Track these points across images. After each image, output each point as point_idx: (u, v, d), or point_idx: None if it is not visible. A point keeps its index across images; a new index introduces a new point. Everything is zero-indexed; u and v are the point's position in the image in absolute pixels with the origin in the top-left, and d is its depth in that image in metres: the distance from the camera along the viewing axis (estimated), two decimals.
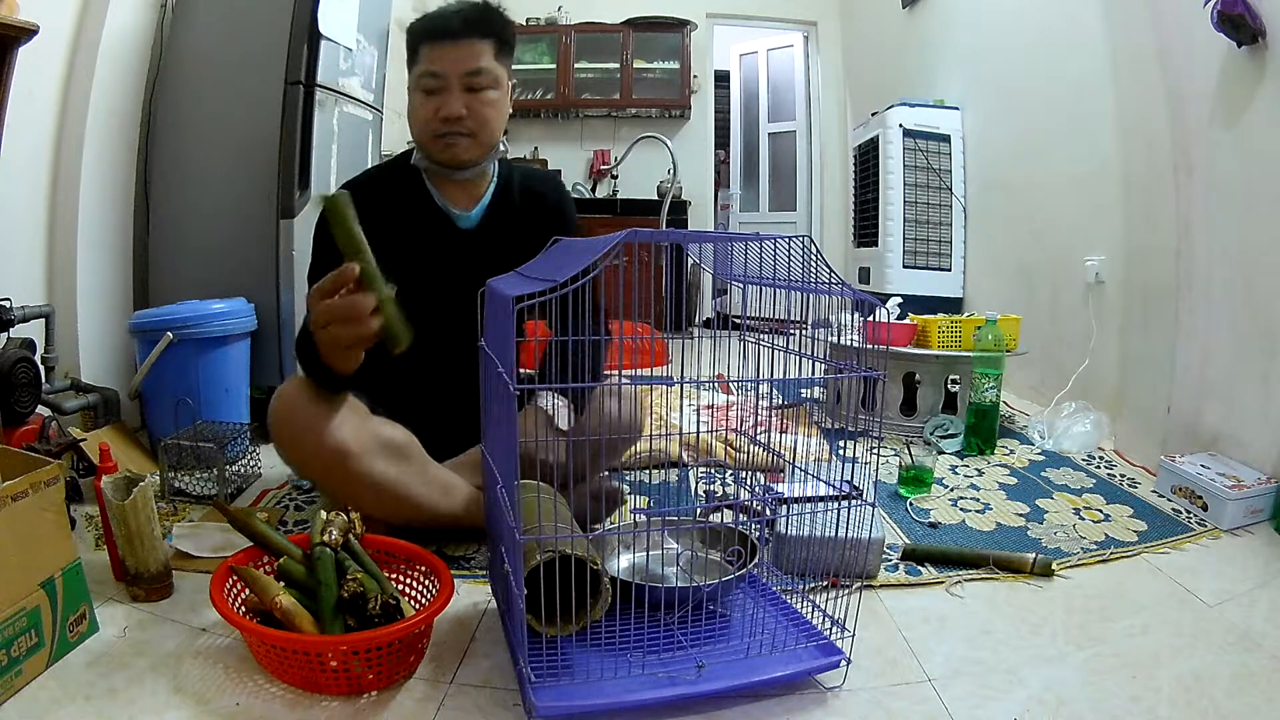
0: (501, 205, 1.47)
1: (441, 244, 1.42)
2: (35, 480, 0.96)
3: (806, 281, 0.95)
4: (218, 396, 1.88)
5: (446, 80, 1.33)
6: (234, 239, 2.06)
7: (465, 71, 1.33)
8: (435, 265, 1.39)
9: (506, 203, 1.48)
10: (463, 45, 1.33)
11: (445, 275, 1.37)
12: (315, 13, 2.02)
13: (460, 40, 1.32)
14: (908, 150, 3.18)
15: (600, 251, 0.84)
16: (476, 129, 1.35)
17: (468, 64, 1.33)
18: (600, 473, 1.51)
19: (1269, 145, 1.57)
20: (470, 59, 1.33)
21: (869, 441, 1.03)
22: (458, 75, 1.33)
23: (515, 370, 0.88)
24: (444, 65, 1.33)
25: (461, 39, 1.32)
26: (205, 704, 0.91)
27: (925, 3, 3.65)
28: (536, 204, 1.50)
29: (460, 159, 1.37)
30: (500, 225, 1.46)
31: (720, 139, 5.42)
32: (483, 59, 1.34)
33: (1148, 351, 1.97)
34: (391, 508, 1.25)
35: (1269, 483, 1.53)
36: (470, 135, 1.36)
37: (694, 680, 0.92)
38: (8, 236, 1.75)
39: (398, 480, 1.25)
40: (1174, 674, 1.01)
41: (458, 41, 1.32)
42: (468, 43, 1.33)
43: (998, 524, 1.53)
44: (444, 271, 1.39)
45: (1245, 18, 1.52)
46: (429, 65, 1.34)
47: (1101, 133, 2.24)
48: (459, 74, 1.33)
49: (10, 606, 0.91)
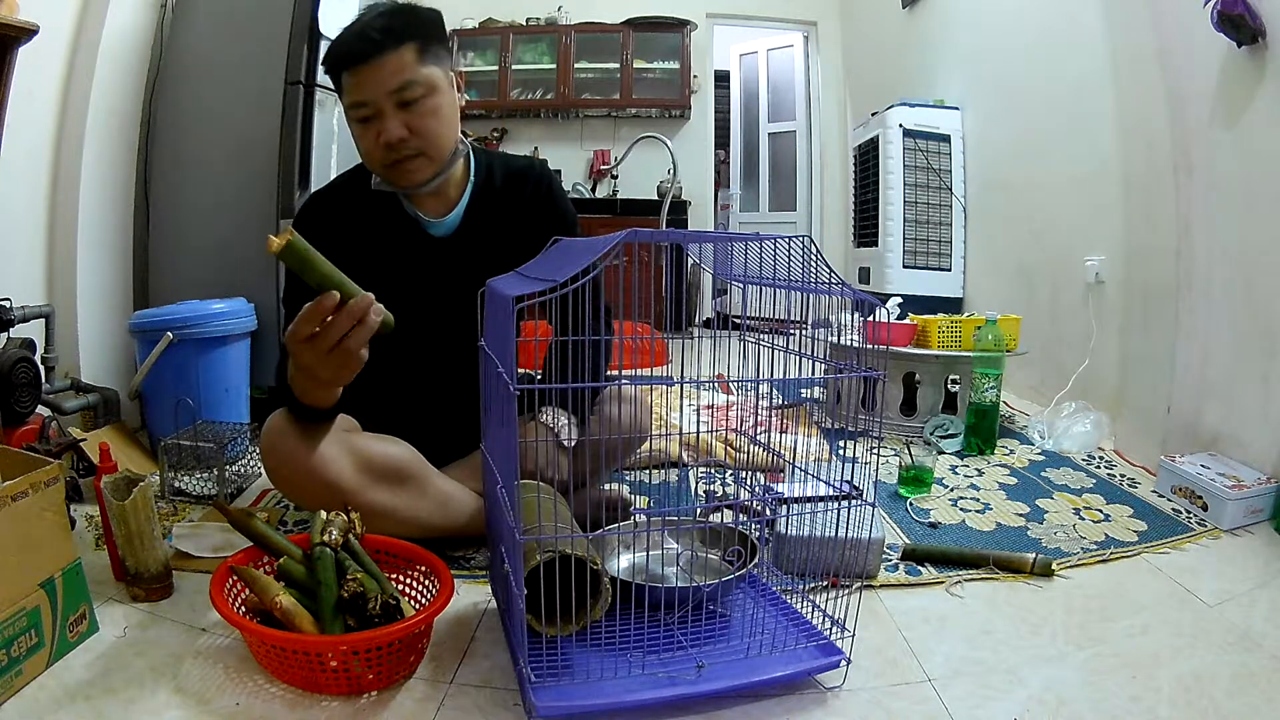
0: (482, 205, 1.39)
1: (414, 254, 1.35)
2: (35, 480, 0.96)
3: (806, 281, 0.95)
4: (218, 396, 1.88)
5: (377, 105, 1.21)
6: (234, 239, 2.06)
7: (391, 90, 1.20)
8: (408, 276, 1.32)
9: (488, 201, 1.39)
10: (380, 63, 1.19)
11: (419, 286, 1.32)
12: (315, 13, 2.02)
13: (375, 58, 1.19)
14: (908, 150, 3.18)
15: (600, 251, 0.84)
16: (424, 146, 1.25)
17: (392, 81, 1.20)
18: (604, 479, 1.48)
19: (1269, 145, 1.57)
20: (393, 76, 1.20)
21: (869, 441, 1.03)
22: (386, 96, 1.20)
23: (515, 370, 0.88)
24: (368, 91, 1.20)
25: (375, 57, 1.19)
26: (205, 704, 0.91)
27: (925, 3, 3.65)
28: (523, 196, 1.41)
29: (416, 180, 1.28)
30: (484, 226, 1.38)
31: (720, 139, 5.42)
32: (407, 71, 1.20)
33: (1148, 351, 1.97)
34: (394, 531, 1.21)
35: (1269, 483, 1.53)
36: (420, 154, 1.25)
37: (694, 680, 0.92)
38: (8, 236, 1.75)
39: (396, 508, 1.23)
40: (1174, 674, 1.01)
41: (373, 61, 1.19)
42: (383, 59, 1.19)
43: (998, 524, 1.53)
44: (418, 282, 1.32)
45: (1245, 18, 1.52)
46: (355, 95, 1.22)
47: (1101, 133, 2.24)
48: (386, 94, 1.20)
49: (10, 606, 0.91)
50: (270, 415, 1.22)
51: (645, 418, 1.47)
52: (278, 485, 1.24)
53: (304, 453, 1.17)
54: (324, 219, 1.34)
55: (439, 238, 1.37)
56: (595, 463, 1.34)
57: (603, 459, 1.36)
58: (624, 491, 1.56)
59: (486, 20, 4.78)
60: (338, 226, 1.32)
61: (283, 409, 1.21)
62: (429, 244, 1.36)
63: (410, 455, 1.28)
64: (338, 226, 1.32)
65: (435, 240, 1.37)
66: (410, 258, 1.35)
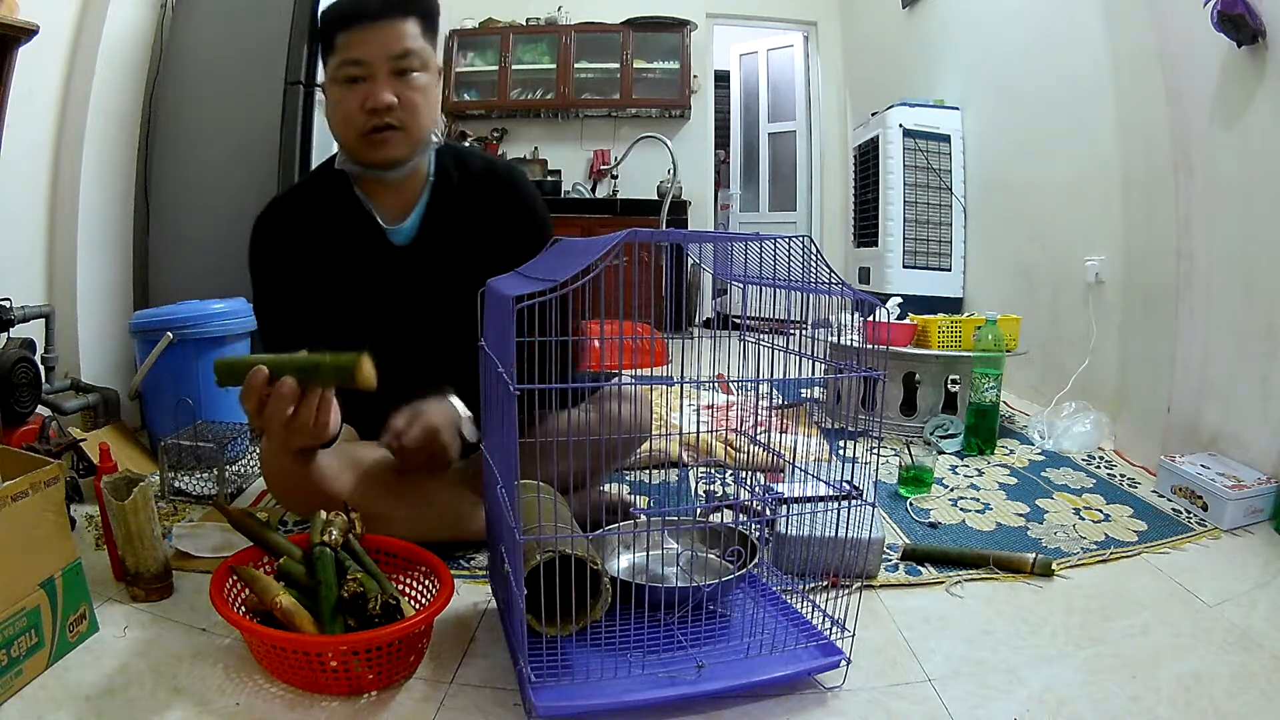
0: (441, 209, 1.33)
1: (375, 264, 1.31)
2: (35, 480, 0.96)
3: (806, 281, 0.95)
4: (218, 396, 1.87)
5: (372, 67, 1.18)
6: (234, 239, 2.04)
7: (392, 55, 1.18)
8: (369, 288, 1.29)
9: (447, 204, 1.34)
10: (387, 26, 1.18)
11: (381, 298, 1.29)
12: (315, 13, 2.02)
13: (382, 20, 1.18)
14: (908, 150, 3.18)
15: (600, 251, 0.84)
16: (407, 120, 1.22)
17: (394, 46, 1.18)
18: (605, 479, 1.47)
19: (1269, 145, 1.57)
20: (396, 40, 1.18)
21: (869, 441, 1.03)
22: (384, 60, 1.18)
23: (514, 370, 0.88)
24: (367, 51, 1.18)
25: (384, 19, 1.18)
26: (205, 704, 0.91)
27: (925, 3, 3.65)
28: (487, 201, 1.35)
29: (390, 156, 1.24)
30: (444, 234, 1.33)
31: (720, 139, 5.42)
32: (409, 39, 1.19)
33: (1148, 351, 1.97)
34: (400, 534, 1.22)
35: (1269, 483, 1.53)
36: (401, 128, 1.22)
37: (694, 680, 0.92)
38: (8, 236, 1.75)
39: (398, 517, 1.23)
40: (1174, 674, 1.01)
41: (380, 22, 1.18)
42: (392, 22, 1.18)
43: (998, 524, 1.53)
44: (379, 295, 1.29)
45: (1245, 18, 1.52)
46: (350, 52, 1.19)
47: (1101, 133, 2.24)
48: (385, 58, 1.18)
49: (10, 606, 0.91)
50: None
51: (646, 416, 1.46)
52: (279, 497, 1.24)
53: (305, 467, 1.17)
54: (283, 226, 1.31)
55: (399, 246, 1.32)
56: (596, 462, 1.34)
57: (603, 458, 1.35)
58: (624, 493, 1.56)
59: (486, 20, 4.78)
60: (297, 234, 1.29)
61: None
62: (389, 253, 1.31)
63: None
64: (297, 234, 1.29)
65: (395, 249, 1.32)
66: (371, 268, 1.30)
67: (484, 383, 1.05)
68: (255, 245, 1.31)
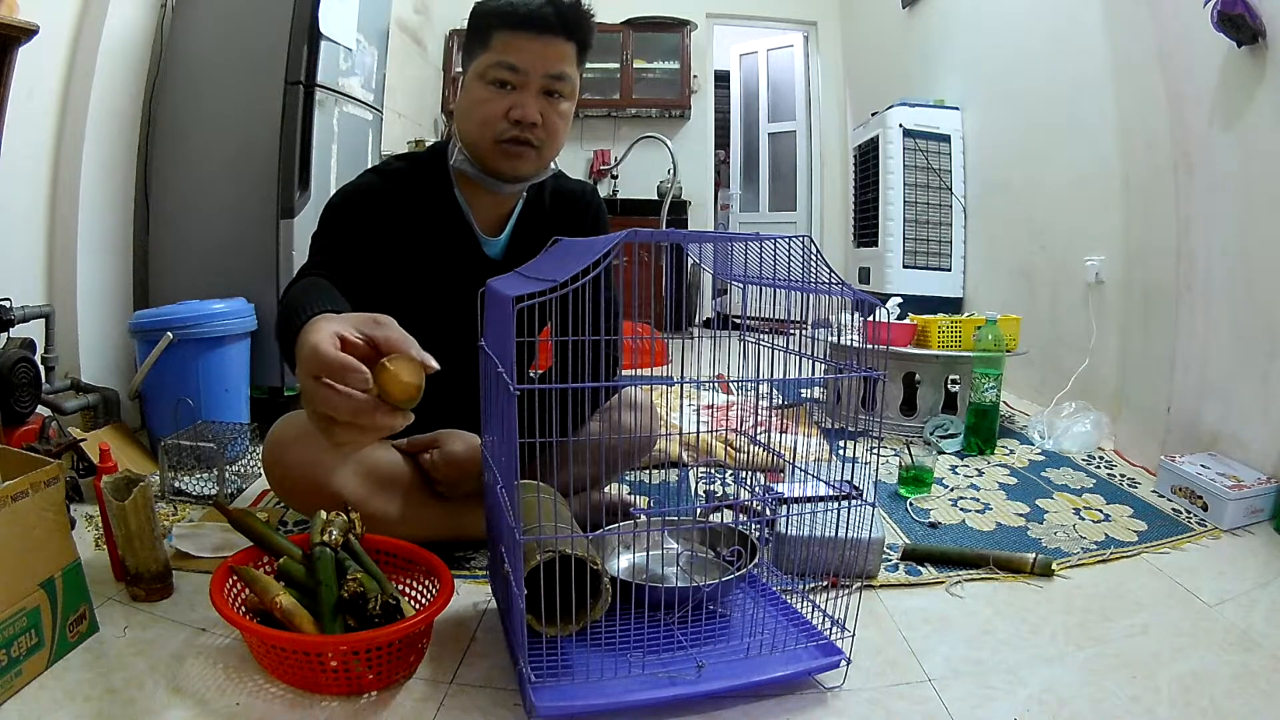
0: (529, 226, 1.33)
1: (469, 269, 1.26)
2: (35, 480, 0.96)
3: (806, 281, 0.95)
4: (218, 396, 1.88)
5: (526, 77, 1.16)
6: (234, 239, 2.06)
7: (549, 73, 1.16)
8: (460, 291, 1.18)
9: (536, 222, 1.33)
10: (552, 42, 1.16)
11: (469, 305, 1.22)
12: (315, 13, 2.02)
13: (549, 35, 1.15)
14: (908, 150, 3.18)
15: (600, 251, 0.84)
16: (545, 140, 1.19)
17: (553, 65, 1.16)
18: (605, 484, 1.46)
19: (1269, 145, 1.57)
20: (557, 60, 1.16)
21: (869, 441, 1.03)
22: (540, 75, 1.16)
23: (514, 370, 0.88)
24: (527, 60, 1.15)
25: (551, 34, 1.15)
26: (205, 704, 0.91)
27: (925, 3, 3.65)
28: (572, 222, 1.35)
29: (520, 171, 1.21)
30: (529, 251, 1.27)
31: (720, 139, 5.42)
32: (568, 63, 1.18)
33: (1148, 351, 1.97)
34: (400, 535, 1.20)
35: (1269, 483, 1.53)
36: (537, 147, 1.20)
37: (694, 680, 0.92)
38: (8, 236, 1.75)
39: (400, 518, 1.23)
40: (1174, 674, 1.01)
41: (547, 36, 1.15)
42: (556, 40, 1.16)
43: (998, 524, 1.53)
44: (469, 301, 1.21)
45: (1245, 18, 1.52)
46: (508, 56, 1.15)
47: (1101, 133, 2.24)
48: (542, 74, 1.16)
49: (10, 606, 0.91)
50: (275, 423, 1.22)
51: (653, 425, 1.45)
52: (282, 496, 1.24)
53: (308, 465, 1.17)
54: (382, 205, 1.24)
55: (493, 258, 1.31)
56: (597, 468, 1.33)
57: (603, 465, 1.34)
58: (624, 493, 1.56)
59: None
60: (394, 217, 1.24)
61: (287, 416, 1.20)
62: (484, 264, 1.29)
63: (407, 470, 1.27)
64: (394, 217, 1.24)
65: (489, 261, 1.30)
66: (464, 275, 1.23)
67: (484, 383, 1.05)
68: (345, 201, 1.24)
